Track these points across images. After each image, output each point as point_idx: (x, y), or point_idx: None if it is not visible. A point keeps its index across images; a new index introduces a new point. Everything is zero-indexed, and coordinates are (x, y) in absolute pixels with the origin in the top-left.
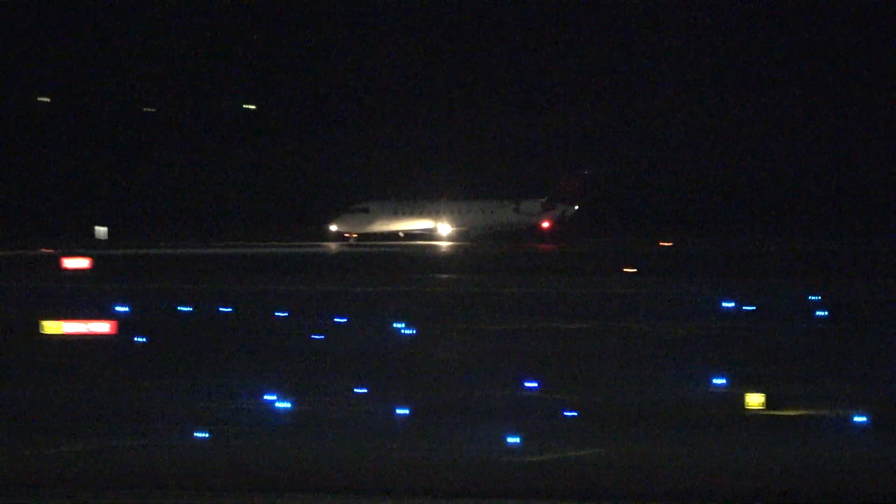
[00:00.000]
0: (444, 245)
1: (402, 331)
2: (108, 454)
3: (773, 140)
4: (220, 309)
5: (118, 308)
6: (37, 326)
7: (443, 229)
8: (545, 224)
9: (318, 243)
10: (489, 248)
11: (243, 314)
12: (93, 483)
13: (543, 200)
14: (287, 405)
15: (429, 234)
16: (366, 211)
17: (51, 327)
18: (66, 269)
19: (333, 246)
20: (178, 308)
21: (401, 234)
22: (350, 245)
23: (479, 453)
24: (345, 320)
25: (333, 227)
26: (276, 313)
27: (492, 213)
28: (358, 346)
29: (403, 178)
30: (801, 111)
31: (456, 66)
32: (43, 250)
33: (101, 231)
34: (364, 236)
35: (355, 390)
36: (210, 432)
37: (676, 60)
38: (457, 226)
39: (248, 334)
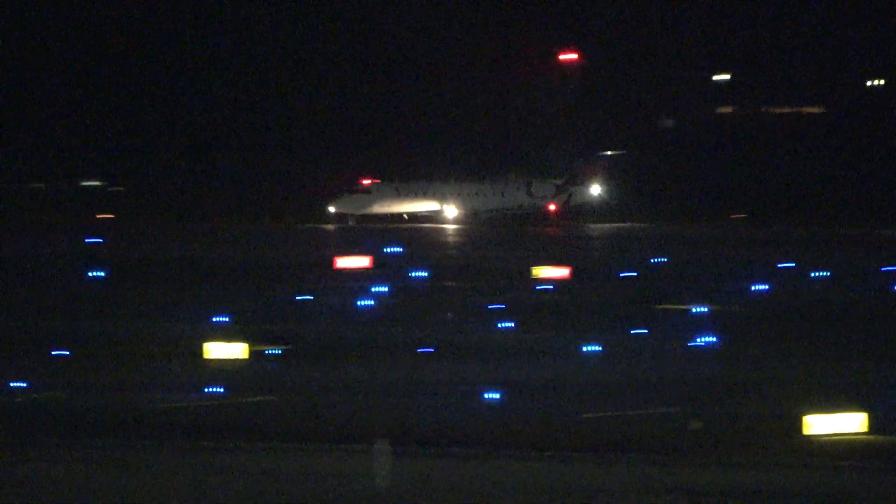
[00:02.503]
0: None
1: None
2: None
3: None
4: None
5: None
6: None
7: (449, 211)
8: (551, 207)
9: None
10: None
11: None
12: None
13: (558, 182)
14: None
15: (434, 217)
16: (367, 192)
17: None
18: None
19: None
20: None
21: (405, 217)
22: (350, 226)
23: None
24: None
25: (332, 209)
26: None
27: (502, 195)
28: None
29: (408, 158)
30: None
31: (464, 41)
32: None
33: None
34: (364, 218)
35: None
36: None
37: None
38: (464, 208)
39: None
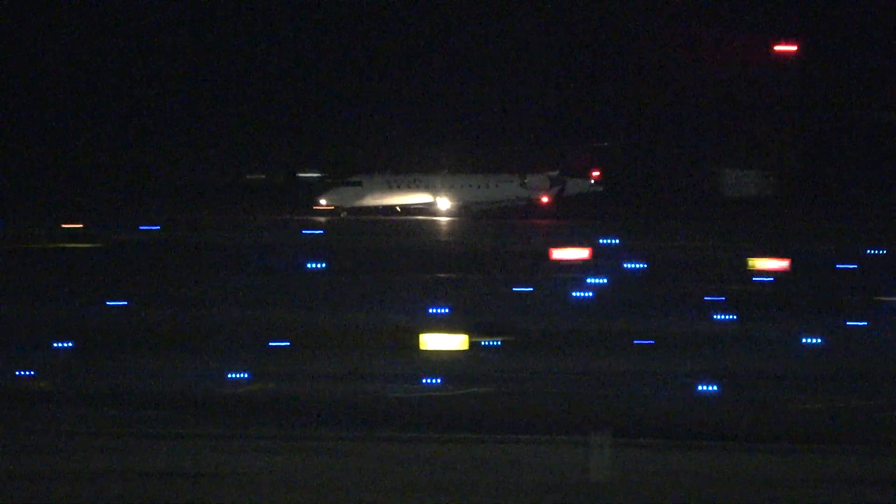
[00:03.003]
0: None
1: None
2: None
3: None
4: None
5: None
6: None
7: (442, 204)
8: (544, 199)
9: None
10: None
11: None
12: None
13: (553, 174)
14: None
15: (427, 209)
16: (358, 184)
17: None
18: None
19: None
20: None
21: (398, 209)
22: (340, 219)
23: None
24: None
25: (323, 201)
26: None
27: (496, 187)
28: None
29: (401, 151)
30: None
31: (456, 26)
32: None
33: None
34: (355, 210)
35: None
36: None
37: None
38: (457, 200)
39: None
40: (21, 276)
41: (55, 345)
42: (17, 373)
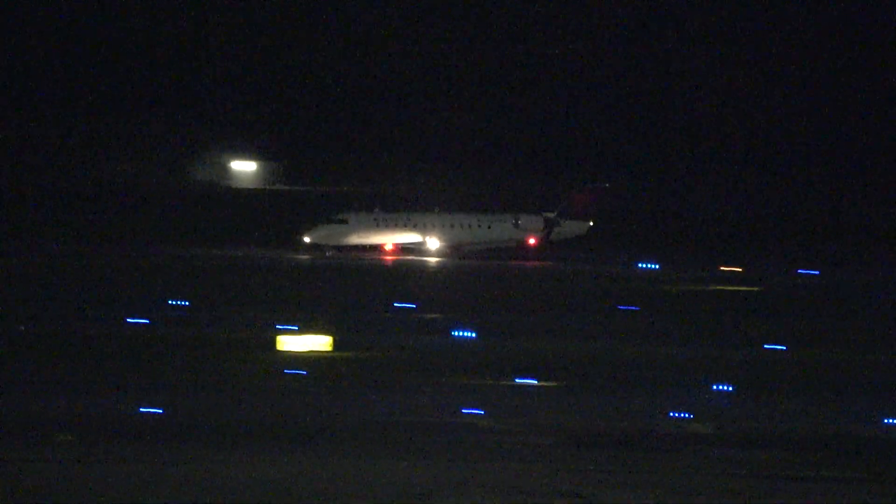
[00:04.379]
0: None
1: None
2: None
3: None
4: None
5: None
6: None
7: (431, 244)
8: (531, 240)
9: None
10: None
11: None
12: None
13: (550, 215)
14: None
15: (416, 249)
16: (344, 222)
17: None
18: None
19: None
20: None
21: (386, 249)
22: (326, 258)
23: None
24: None
25: (307, 239)
26: None
27: (489, 227)
28: None
29: (391, 188)
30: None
31: (451, 60)
32: None
33: None
34: (341, 249)
35: None
36: None
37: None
38: (448, 240)
39: None
40: (673, 318)
41: (713, 387)
42: (671, 414)
